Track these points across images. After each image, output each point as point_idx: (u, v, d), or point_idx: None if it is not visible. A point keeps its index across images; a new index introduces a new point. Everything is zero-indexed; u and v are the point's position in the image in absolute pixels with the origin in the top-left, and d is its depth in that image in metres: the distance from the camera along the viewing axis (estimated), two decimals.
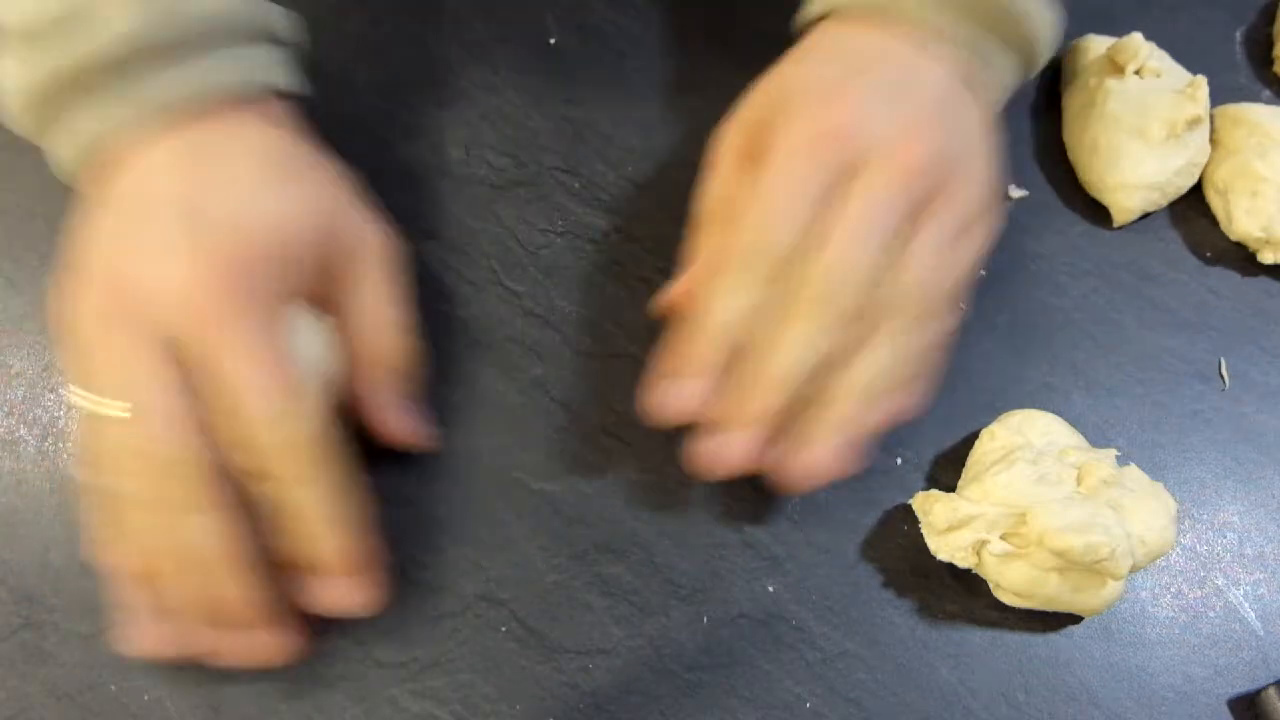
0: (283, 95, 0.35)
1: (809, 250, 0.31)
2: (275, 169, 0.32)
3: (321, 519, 0.31)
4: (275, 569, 0.31)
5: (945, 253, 0.32)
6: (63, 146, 0.32)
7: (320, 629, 0.34)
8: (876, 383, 0.32)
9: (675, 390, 0.33)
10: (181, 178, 0.30)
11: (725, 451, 0.32)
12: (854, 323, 0.31)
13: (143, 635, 0.31)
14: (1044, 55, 0.37)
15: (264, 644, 0.32)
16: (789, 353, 0.31)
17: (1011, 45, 0.35)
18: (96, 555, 0.32)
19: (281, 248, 0.31)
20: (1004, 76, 0.36)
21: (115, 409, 0.29)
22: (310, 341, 0.32)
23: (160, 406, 0.29)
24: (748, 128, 0.35)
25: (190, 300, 0.29)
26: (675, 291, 0.36)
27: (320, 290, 0.33)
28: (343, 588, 0.32)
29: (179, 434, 0.29)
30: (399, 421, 0.35)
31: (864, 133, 0.32)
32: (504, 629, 0.35)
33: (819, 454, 0.32)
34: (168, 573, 0.30)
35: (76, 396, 0.30)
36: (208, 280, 0.29)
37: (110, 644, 0.34)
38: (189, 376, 0.29)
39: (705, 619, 0.36)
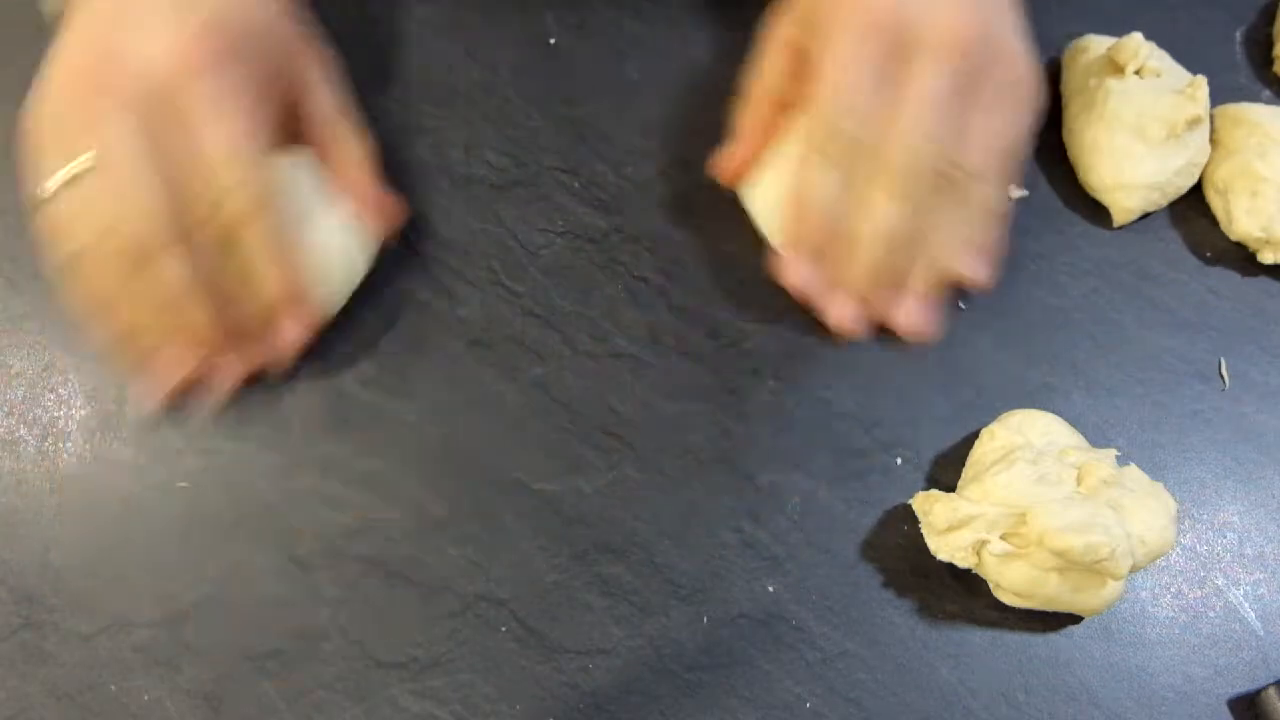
0: None
1: (879, 126, 0.34)
2: None
3: (268, 251, 0.34)
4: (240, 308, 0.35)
5: (998, 124, 0.35)
6: None
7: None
8: (952, 241, 0.36)
9: (796, 269, 0.37)
10: None
11: (849, 317, 0.37)
12: (930, 188, 0.35)
13: (148, 386, 0.35)
14: None
15: (236, 368, 0.36)
16: (880, 218, 0.35)
17: None
18: (86, 327, 0.35)
19: (255, 39, 0.34)
20: None
21: (82, 162, 0.32)
22: (305, 180, 0.36)
23: (124, 150, 0.31)
24: (795, 19, 0.38)
25: (173, 60, 0.32)
26: (734, 156, 0.39)
27: (290, 108, 0.36)
28: (289, 324, 0.36)
29: (140, 176, 0.31)
30: (375, 197, 0.38)
31: (914, 16, 0.34)
32: (504, 629, 0.35)
33: (913, 309, 0.37)
34: (141, 314, 0.34)
35: (50, 179, 0.32)
36: (191, 45, 0.32)
37: (109, 644, 0.34)
38: (157, 131, 0.32)
39: (705, 619, 0.36)
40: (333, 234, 0.36)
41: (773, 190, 0.38)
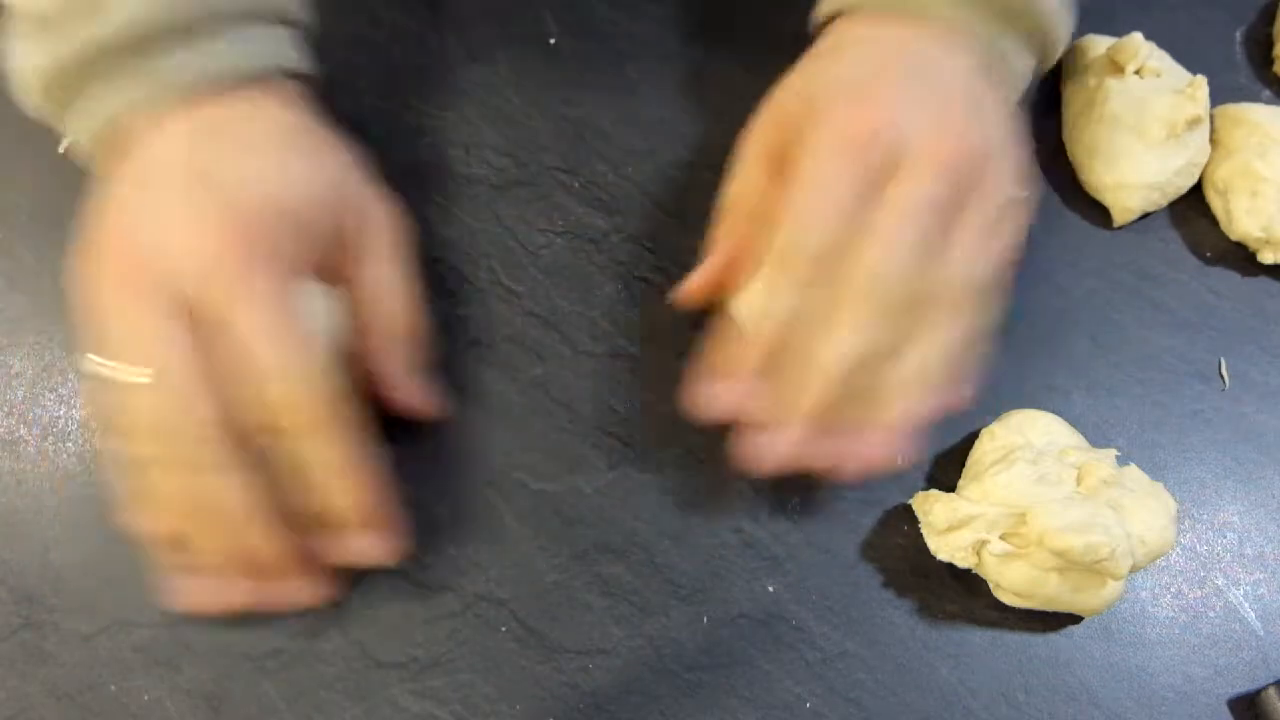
0: (295, 75, 0.35)
1: (850, 249, 0.32)
2: (290, 144, 0.33)
3: (334, 471, 0.31)
4: (301, 524, 0.32)
5: (984, 243, 0.33)
6: (79, 128, 0.33)
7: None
8: (926, 374, 0.33)
9: (719, 390, 0.34)
10: (199, 150, 0.31)
11: (776, 447, 0.33)
12: (901, 317, 0.32)
13: (184, 592, 0.33)
14: (1059, 49, 0.37)
15: (296, 590, 0.33)
16: (839, 348, 0.32)
17: (1027, 40, 0.35)
18: (126, 522, 0.33)
19: (295, 215, 0.31)
20: (1022, 70, 0.36)
21: (134, 374, 0.29)
22: (322, 312, 0.33)
23: (177, 368, 0.29)
24: (776, 127, 0.35)
25: (208, 259, 0.29)
26: (696, 282, 0.36)
27: (331, 263, 0.33)
28: (362, 539, 0.33)
29: (196, 395, 0.29)
30: (410, 390, 0.35)
31: (897, 131, 0.32)
32: (504, 629, 0.35)
33: (874, 446, 0.33)
34: (195, 531, 0.31)
35: (95, 364, 0.30)
36: (225, 241, 0.29)
37: (109, 644, 0.34)
38: (205, 338, 0.30)
39: (705, 619, 0.36)
40: (323, 317, 0.33)
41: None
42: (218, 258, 0.29)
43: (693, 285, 0.36)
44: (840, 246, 0.32)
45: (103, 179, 0.32)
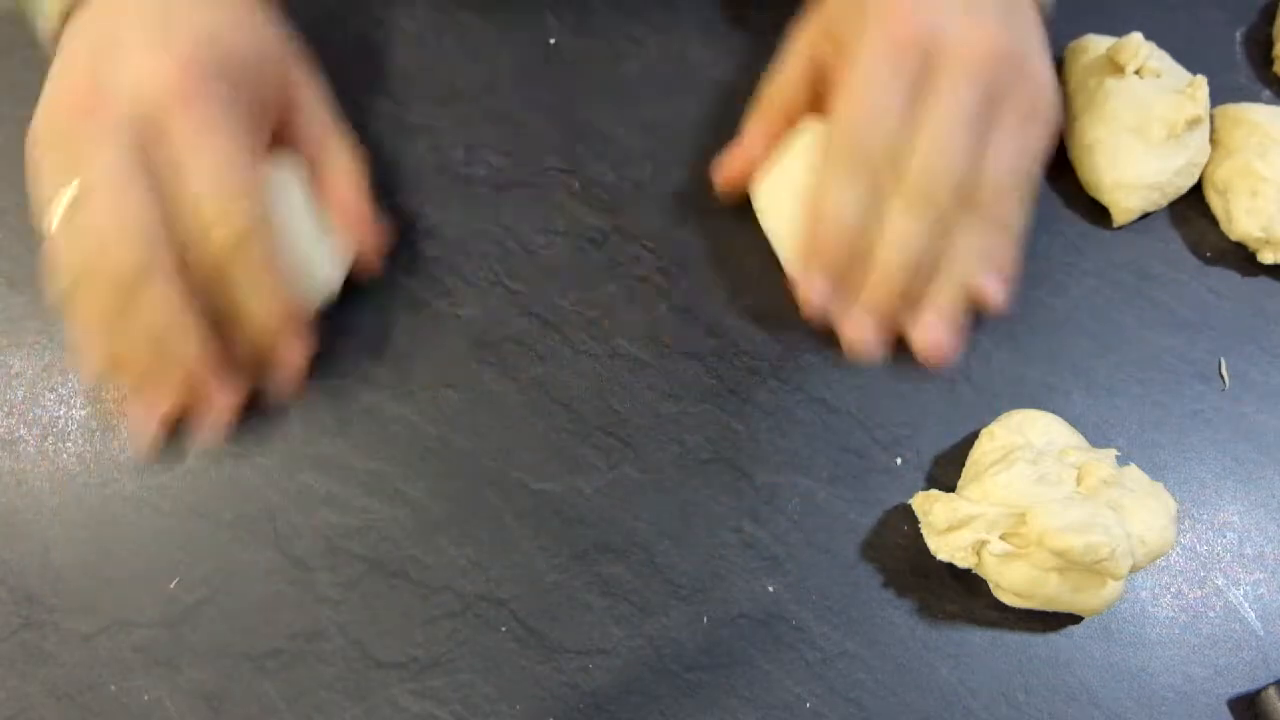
0: None
1: (902, 146, 0.34)
2: (239, 6, 0.35)
3: (255, 282, 0.34)
4: (224, 338, 0.34)
5: (1018, 142, 0.35)
6: (52, 5, 0.35)
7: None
8: (971, 262, 0.36)
9: (814, 287, 0.36)
10: (153, 6, 0.34)
11: (866, 336, 0.36)
12: (951, 209, 0.35)
13: (137, 428, 0.35)
14: None
15: (218, 400, 0.35)
16: (899, 240, 0.35)
17: None
18: (77, 366, 0.36)
19: (244, 62, 0.34)
20: None
21: (74, 190, 0.32)
22: (295, 181, 0.36)
23: (115, 183, 0.31)
24: (822, 31, 0.38)
25: (160, 87, 0.32)
26: (730, 164, 0.40)
27: (275, 123, 0.36)
28: (278, 348, 0.35)
29: (134, 202, 0.31)
30: (364, 220, 0.37)
31: (940, 34, 0.34)
32: (504, 629, 0.35)
33: (933, 327, 0.36)
34: (136, 350, 0.33)
35: (50, 209, 0.32)
36: (181, 72, 0.32)
37: (109, 644, 0.34)
38: (149, 159, 0.32)
39: (705, 619, 0.36)
40: (308, 244, 0.36)
41: (780, 193, 0.38)
42: (170, 87, 0.32)
43: (733, 161, 0.39)
44: (892, 146, 0.34)
45: (56, 50, 0.35)
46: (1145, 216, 0.43)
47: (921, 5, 0.35)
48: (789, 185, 0.37)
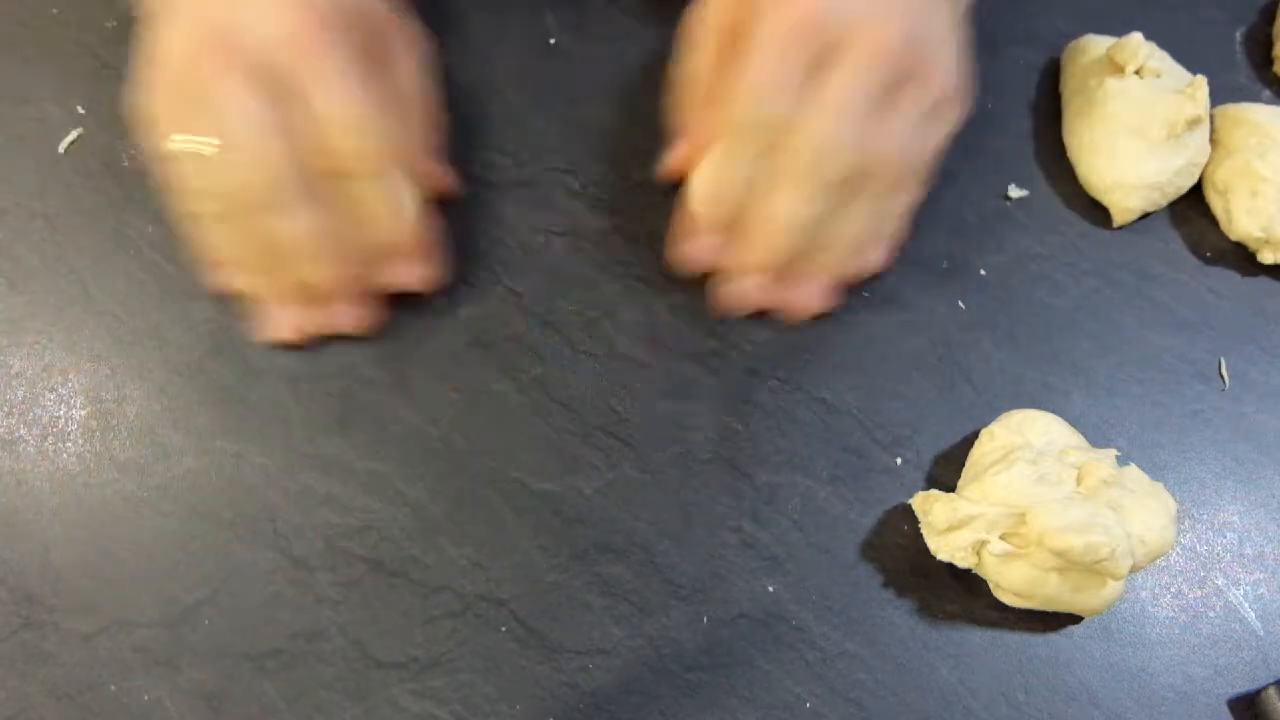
0: None
1: (795, 123, 0.35)
2: None
3: (390, 206, 0.36)
4: (355, 259, 0.37)
5: (917, 129, 0.36)
6: None
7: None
8: (855, 238, 0.37)
9: (693, 245, 0.38)
10: None
11: (740, 293, 0.38)
12: (839, 187, 0.35)
13: (262, 325, 0.38)
14: None
15: (352, 315, 0.38)
16: (783, 214, 0.36)
17: None
18: (208, 279, 0.38)
19: (354, 11, 0.36)
20: None
21: (209, 140, 0.33)
22: None
23: (252, 122, 0.33)
24: (729, 6, 0.37)
25: (284, 33, 0.33)
26: (672, 160, 0.40)
27: (378, 65, 0.37)
28: (410, 265, 0.38)
29: (270, 145, 0.33)
30: (434, 169, 0.40)
31: (843, 16, 0.34)
32: (504, 629, 0.35)
33: (809, 292, 0.39)
34: (270, 272, 0.36)
35: (179, 142, 0.34)
36: (301, 18, 0.34)
37: (109, 644, 0.34)
38: (277, 100, 0.34)
39: (705, 619, 0.36)
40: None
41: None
42: (293, 32, 0.33)
43: (670, 163, 0.40)
44: (786, 122, 0.35)
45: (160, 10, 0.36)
46: (1145, 216, 0.43)
47: None
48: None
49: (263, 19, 0.34)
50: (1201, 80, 0.41)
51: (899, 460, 0.38)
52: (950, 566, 0.36)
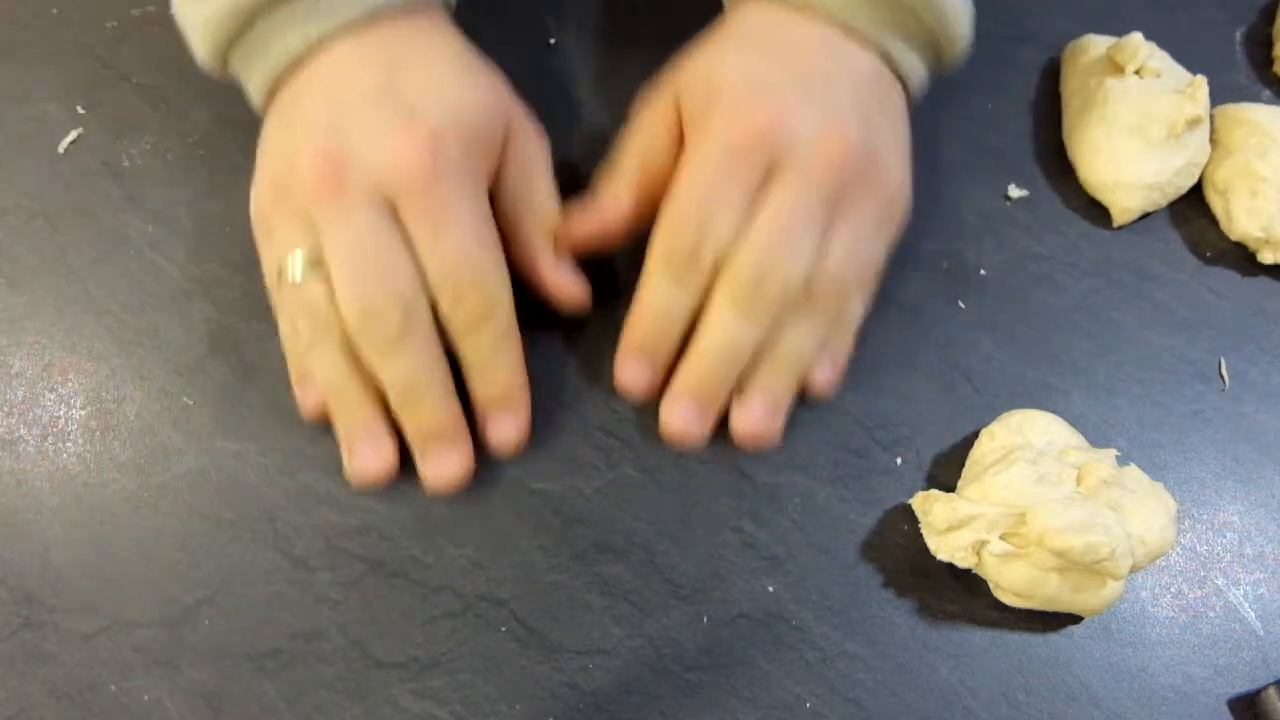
0: (444, 5, 0.38)
1: (730, 245, 0.34)
2: (457, 63, 0.36)
3: (491, 359, 0.35)
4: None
5: (861, 242, 0.35)
6: (256, 70, 0.35)
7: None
8: (801, 357, 0.35)
9: (629, 372, 0.36)
10: (378, 71, 0.34)
11: (680, 418, 0.36)
12: (774, 312, 0.34)
13: (351, 457, 0.35)
14: (956, 50, 0.38)
15: (456, 460, 0.35)
16: (719, 336, 0.34)
17: (920, 44, 0.37)
18: (300, 399, 0.36)
19: (475, 129, 0.34)
20: (914, 72, 0.37)
21: (310, 253, 0.33)
22: None
23: (374, 250, 0.32)
24: (675, 105, 0.37)
25: (400, 168, 0.32)
26: (582, 229, 0.37)
27: (495, 167, 0.36)
28: (501, 420, 0.36)
29: (387, 273, 0.32)
30: (560, 277, 0.37)
31: (788, 131, 0.33)
32: (504, 629, 0.35)
33: (752, 414, 0.36)
34: (372, 408, 0.34)
35: (294, 268, 0.33)
36: (422, 150, 0.32)
37: (109, 644, 0.34)
38: (401, 233, 0.33)
39: (705, 619, 0.36)
40: None
41: None
42: (410, 166, 0.32)
43: (579, 231, 0.37)
44: (717, 246, 0.34)
45: (273, 113, 0.35)
46: (1145, 216, 0.43)
47: (771, 101, 0.34)
48: None
49: (380, 152, 0.32)
50: (1201, 80, 0.41)
51: (899, 460, 0.38)
52: (950, 566, 0.36)
